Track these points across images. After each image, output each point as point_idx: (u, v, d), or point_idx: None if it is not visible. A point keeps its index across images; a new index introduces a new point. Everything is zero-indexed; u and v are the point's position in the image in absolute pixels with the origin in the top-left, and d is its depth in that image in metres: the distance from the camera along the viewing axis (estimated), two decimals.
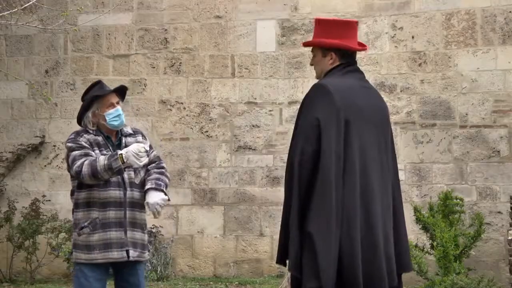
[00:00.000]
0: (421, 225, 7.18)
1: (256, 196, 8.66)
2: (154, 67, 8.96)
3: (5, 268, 8.67)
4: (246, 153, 8.74)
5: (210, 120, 8.85)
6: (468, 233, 7.01)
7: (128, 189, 4.08)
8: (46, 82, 9.11)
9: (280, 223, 3.38)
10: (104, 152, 4.07)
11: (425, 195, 8.21)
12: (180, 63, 8.91)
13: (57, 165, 9.00)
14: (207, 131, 8.85)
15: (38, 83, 9.08)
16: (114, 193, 4.05)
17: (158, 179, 4.14)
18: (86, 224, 4.02)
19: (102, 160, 3.91)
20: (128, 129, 4.26)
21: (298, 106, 3.06)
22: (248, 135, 8.75)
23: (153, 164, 4.20)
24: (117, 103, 4.21)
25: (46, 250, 8.52)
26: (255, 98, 8.76)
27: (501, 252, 7.95)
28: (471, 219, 7.42)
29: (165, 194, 4.11)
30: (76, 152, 4.02)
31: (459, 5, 8.32)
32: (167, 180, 4.21)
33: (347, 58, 3.47)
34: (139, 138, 4.25)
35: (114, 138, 4.20)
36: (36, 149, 9.06)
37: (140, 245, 4.13)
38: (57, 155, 9.02)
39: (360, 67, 3.54)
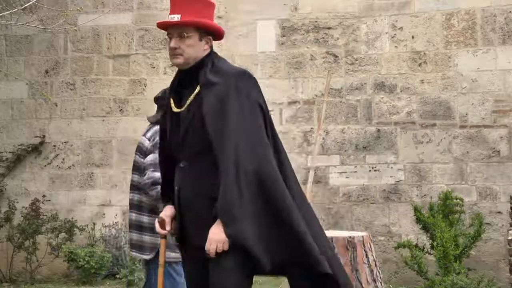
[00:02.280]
0: (421, 225, 7.18)
1: None
2: (154, 67, 8.96)
3: (5, 268, 8.67)
4: None
5: None
6: (468, 233, 7.01)
7: None
8: (46, 82, 9.11)
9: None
10: None
11: (425, 195, 8.22)
12: None
13: (57, 165, 9.00)
14: None
15: (38, 83, 9.08)
16: None
17: None
18: None
19: None
20: None
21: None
22: None
23: None
24: None
25: (46, 250, 8.52)
26: None
27: (501, 252, 7.95)
28: (471, 219, 7.42)
29: None
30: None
31: (459, 5, 8.32)
32: None
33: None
34: None
35: None
36: (36, 149, 9.06)
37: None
38: (57, 155, 9.02)
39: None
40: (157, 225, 3.22)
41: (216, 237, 2.86)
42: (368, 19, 8.55)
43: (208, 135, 2.93)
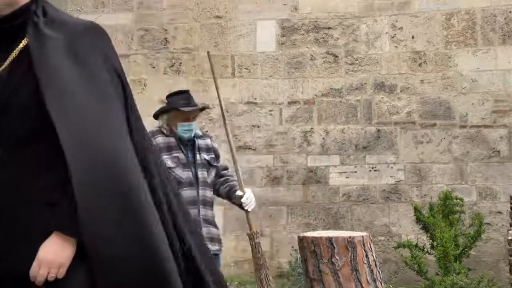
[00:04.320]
0: (421, 225, 7.18)
1: (256, 196, 8.64)
2: (154, 67, 8.96)
3: None
4: (246, 153, 8.75)
5: (210, 120, 8.85)
6: (468, 233, 7.01)
7: (201, 187, 4.29)
8: None
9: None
10: (175, 154, 4.27)
11: (425, 195, 8.22)
12: (180, 63, 8.92)
13: None
14: (207, 131, 8.84)
15: None
16: (188, 192, 4.22)
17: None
18: None
19: None
20: (198, 131, 4.51)
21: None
22: (248, 135, 8.75)
23: (226, 171, 4.58)
24: (194, 118, 4.42)
25: None
26: (255, 98, 8.77)
27: (501, 252, 7.95)
28: (471, 219, 7.42)
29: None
30: None
31: (459, 5, 8.32)
32: None
33: None
34: (208, 140, 4.54)
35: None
36: None
37: (217, 240, 4.41)
38: None
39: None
40: None
41: (50, 257, 1.90)
42: (368, 19, 8.55)
43: (44, 111, 1.93)
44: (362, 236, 4.05)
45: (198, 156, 4.34)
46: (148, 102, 8.96)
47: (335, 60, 8.58)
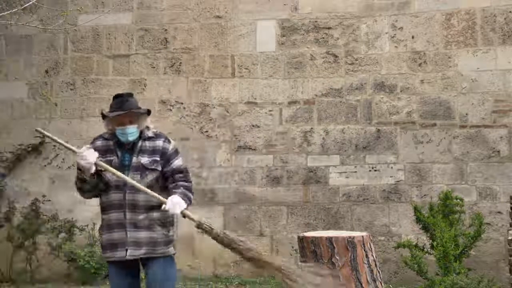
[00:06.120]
0: (421, 225, 7.18)
1: (256, 196, 8.66)
2: (154, 67, 8.96)
3: (5, 268, 8.67)
4: (246, 153, 8.74)
5: (210, 120, 8.85)
6: (468, 233, 7.00)
7: (128, 191, 4.20)
8: (46, 82, 9.11)
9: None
10: (109, 157, 4.25)
11: (425, 195, 8.22)
12: (180, 63, 8.91)
13: (57, 165, 9.00)
14: (207, 131, 8.84)
15: (38, 83, 9.07)
16: (114, 196, 4.24)
17: (185, 194, 4.30)
18: (101, 225, 4.35)
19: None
20: (149, 133, 4.36)
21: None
22: (248, 135, 8.75)
23: (181, 175, 4.32)
24: (130, 122, 4.29)
25: (46, 250, 8.51)
26: (255, 98, 8.76)
27: (501, 252, 7.95)
28: (471, 219, 7.42)
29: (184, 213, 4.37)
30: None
31: (459, 5, 8.32)
32: (192, 197, 4.39)
33: None
34: (158, 142, 4.33)
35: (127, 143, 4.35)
36: (36, 149, 9.05)
37: (145, 243, 4.24)
38: (57, 155, 9.01)
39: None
40: None
41: None
42: (368, 19, 8.55)
43: None
44: (362, 236, 4.05)
45: (134, 159, 4.25)
46: (148, 102, 8.97)
47: (335, 60, 8.58)
